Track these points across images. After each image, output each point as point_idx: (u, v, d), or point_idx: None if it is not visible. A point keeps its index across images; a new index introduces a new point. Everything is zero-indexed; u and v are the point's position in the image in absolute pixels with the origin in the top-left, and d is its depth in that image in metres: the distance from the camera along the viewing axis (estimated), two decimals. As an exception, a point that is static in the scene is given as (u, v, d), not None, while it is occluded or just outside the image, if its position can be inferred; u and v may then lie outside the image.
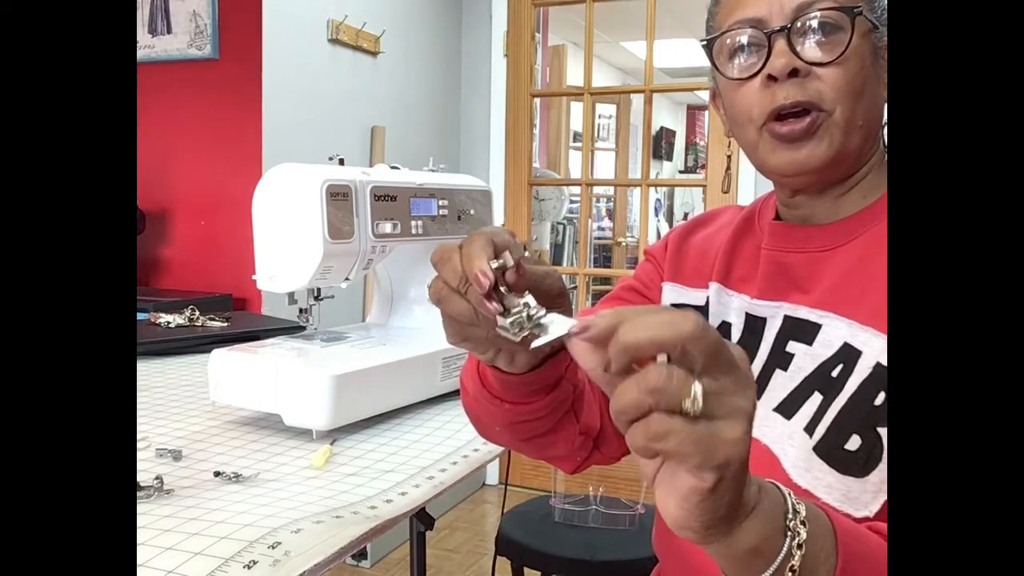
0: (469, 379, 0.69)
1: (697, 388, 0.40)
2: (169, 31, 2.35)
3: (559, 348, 0.60)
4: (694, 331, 0.40)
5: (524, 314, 0.50)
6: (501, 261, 0.52)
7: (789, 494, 0.49)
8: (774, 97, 0.69)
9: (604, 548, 1.70)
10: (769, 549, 0.47)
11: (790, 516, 0.47)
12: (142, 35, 2.37)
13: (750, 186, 2.73)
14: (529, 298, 0.51)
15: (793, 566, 0.47)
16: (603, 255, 6.39)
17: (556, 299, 0.58)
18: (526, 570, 1.76)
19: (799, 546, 0.47)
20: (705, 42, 0.75)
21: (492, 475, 3.35)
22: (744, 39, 0.71)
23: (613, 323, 0.42)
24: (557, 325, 0.48)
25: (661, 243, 0.89)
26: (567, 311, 0.56)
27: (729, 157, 0.88)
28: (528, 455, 0.76)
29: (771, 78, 0.69)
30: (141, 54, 2.36)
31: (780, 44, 0.69)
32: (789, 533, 0.47)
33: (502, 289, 0.53)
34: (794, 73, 0.68)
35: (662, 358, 0.41)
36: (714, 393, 0.41)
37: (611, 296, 0.88)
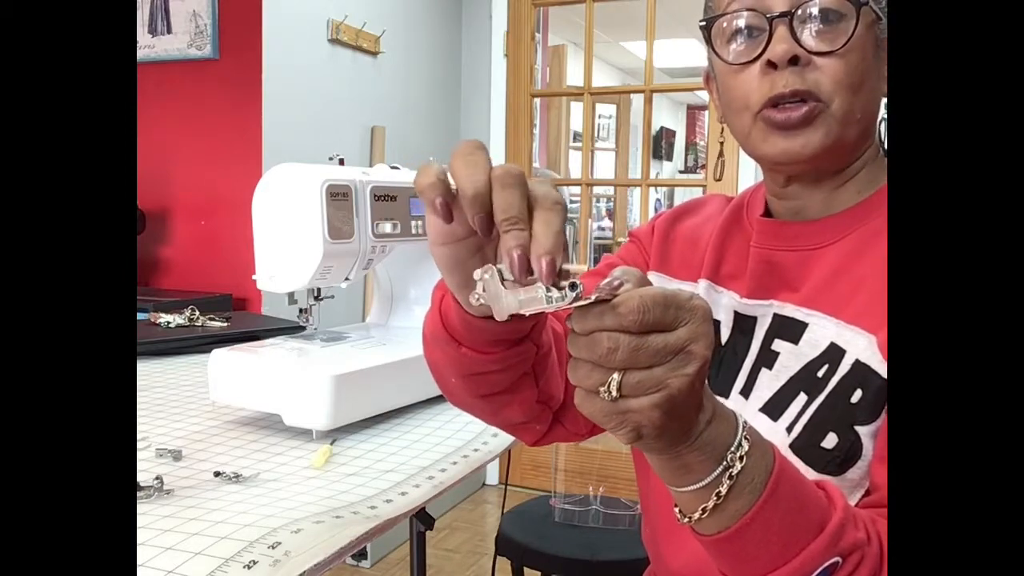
0: (430, 321, 0.65)
1: (614, 381, 0.45)
2: (169, 31, 2.35)
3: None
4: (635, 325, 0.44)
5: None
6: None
7: (742, 428, 0.51)
8: (772, 84, 0.67)
9: (604, 548, 1.70)
10: (700, 470, 0.50)
11: (732, 449, 0.50)
12: (142, 35, 2.37)
13: (750, 174, 2.74)
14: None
15: (720, 492, 0.50)
16: (603, 255, 6.37)
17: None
18: (526, 570, 1.76)
19: (730, 477, 0.50)
20: (703, 22, 0.72)
21: (492, 475, 3.34)
22: (744, 22, 0.69)
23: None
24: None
25: (647, 227, 0.87)
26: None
27: (722, 144, 0.87)
28: (484, 419, 0.72)
29: (770, 64, 0.67)
30: (141, 54, 2.36)
31: (781, 30, 0.66)
32: (724, 463, 0.50)
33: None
34: (794, 61, 0.66)
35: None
36: (636, 382, 0.45)
37: (593, 272, 0.85)
